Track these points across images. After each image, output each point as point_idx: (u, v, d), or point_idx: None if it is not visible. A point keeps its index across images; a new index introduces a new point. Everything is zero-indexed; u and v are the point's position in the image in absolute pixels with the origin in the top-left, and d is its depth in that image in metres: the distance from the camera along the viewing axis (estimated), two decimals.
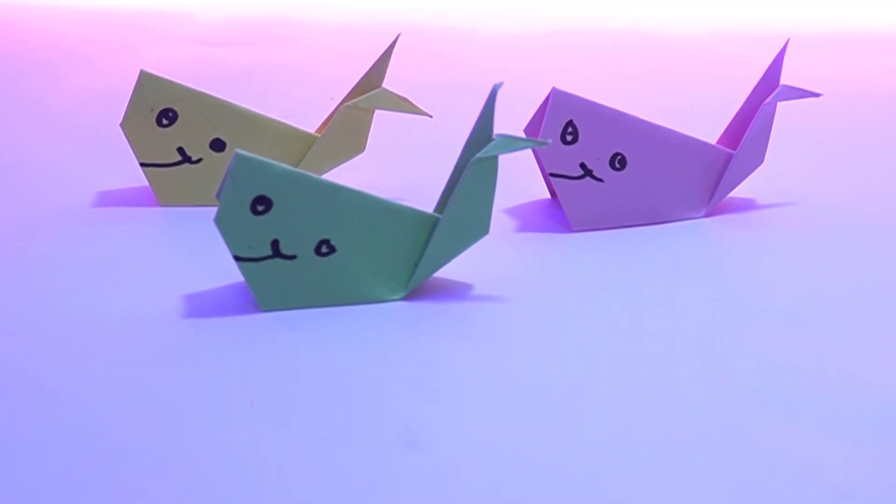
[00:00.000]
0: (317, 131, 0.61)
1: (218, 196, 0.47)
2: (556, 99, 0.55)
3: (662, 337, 0.46)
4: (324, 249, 0.47)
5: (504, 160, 0.51)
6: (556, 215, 0.59)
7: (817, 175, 0.66)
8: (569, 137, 0.56)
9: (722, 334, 0.46)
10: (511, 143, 0.47)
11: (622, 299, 0.49)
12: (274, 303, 0.47)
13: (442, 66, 0.98)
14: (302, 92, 0.88)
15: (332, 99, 0.83)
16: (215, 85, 0.87)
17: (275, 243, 0.47)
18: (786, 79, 0.59)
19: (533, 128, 0.58)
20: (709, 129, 0.65)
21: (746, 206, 0.61)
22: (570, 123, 0.56)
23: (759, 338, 0.46)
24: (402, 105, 0.59)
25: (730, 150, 0.59)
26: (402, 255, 0.48)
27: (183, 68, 0.95)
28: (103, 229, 0.57)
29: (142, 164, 0.59)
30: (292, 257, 0.47)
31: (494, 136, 0.47)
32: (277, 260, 0.47)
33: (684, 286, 0.51)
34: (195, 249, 0.55)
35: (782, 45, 0.60)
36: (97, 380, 0.42)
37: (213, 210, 0.59)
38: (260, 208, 0.46)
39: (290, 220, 0.46)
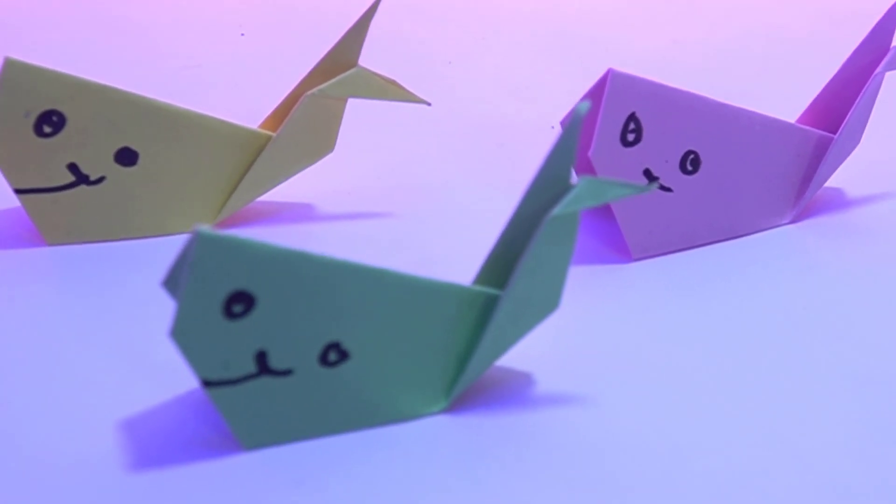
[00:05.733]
0: (262, 125, 0.47)
1: (167, 287, 0.34)
2: (615, 85, 0.43)
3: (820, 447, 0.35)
4: (332, 357, 0.34)
5: (517, 148, 0.39)
6: (604, 234, 0.47)
7: None
8: (630, 137, 0.44)
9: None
10: (601, 191, 0.35)
11: (727, 387, 0.38)
12: (262, 438, 0.34)
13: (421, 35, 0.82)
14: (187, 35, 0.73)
15: (242, 35, 0.69)
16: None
17: (261, 356, 0.34)
18: None
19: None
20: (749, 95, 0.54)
21: (836, 202, 0.50)
22: (632, 118, 0.44)
23: None
24: (387, 91, 0.45)
25: (824, 133, 0.49)
26: (442, 350, 0.35)
27: None
28: None
29: (17, 191, 0.45)
30: (287, 373, 0.34)
31: (575, 181, 0.35)
32: (265, 379, 0.34)
33: (806, 340, 0.41)
34: (112, 323, 0.41)
35: None
36: None
37: (128, 248, 0.47)
38: (237, 309, 0.33)
39: (281, 322, 0.33)
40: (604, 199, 0.34)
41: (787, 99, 0.55)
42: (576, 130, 0.34)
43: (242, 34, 0.67)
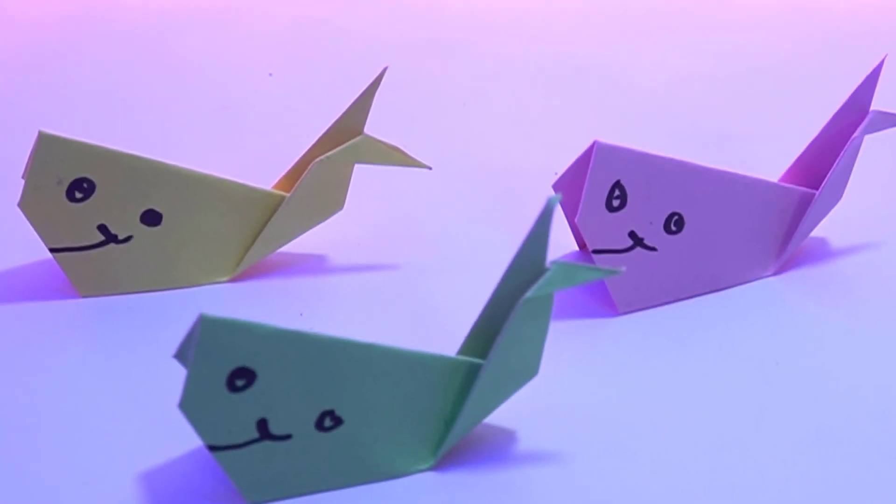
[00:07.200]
0: (275, 186, 0.51)
1: (179, 358, 0.37)
2: (600, 156, 0.45)
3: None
4: (327, 423, 0.38)
5: (521, 195, 0.40)
6: (591, 287, 0.49)
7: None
8: (615, 203, 0.46)
9: None
10: (571, 276, 0.37)
11: (701, 445, 0.41)
12: (264, 493, 0.38)
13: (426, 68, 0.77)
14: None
15: (270, 75, 0.72)
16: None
17: (262, 423, 0.37)
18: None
19: (568, 185, 0.48)
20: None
21: (819, 253, 0.52)
22: (616, 185, 0.46)
23: None
24: (391, 157, 0.48)
25: (806, 190, 0.50)
26: (430, 414, 0.39)
27: None
28: None
29: (52, 250, 0.48)
30: (286, 437, 0.38)
31: (548, 265, 0.38)
32: (266, 443, 0.37)
33: (778, 396, 0.43)
34: (138, 372, 0.44)
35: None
36: None
37: (154, 299, 0.50)
38: (239, 383, 0.36)
39: (280, 394, 0.36)
40: (574, 283, 0.37)
41: (785, 137, 0.57)
42: (549, 218, 0.36)
43: (270, 74, 0.71)
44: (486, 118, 0.66)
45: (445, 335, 0.42)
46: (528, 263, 0.37)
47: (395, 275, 0.51)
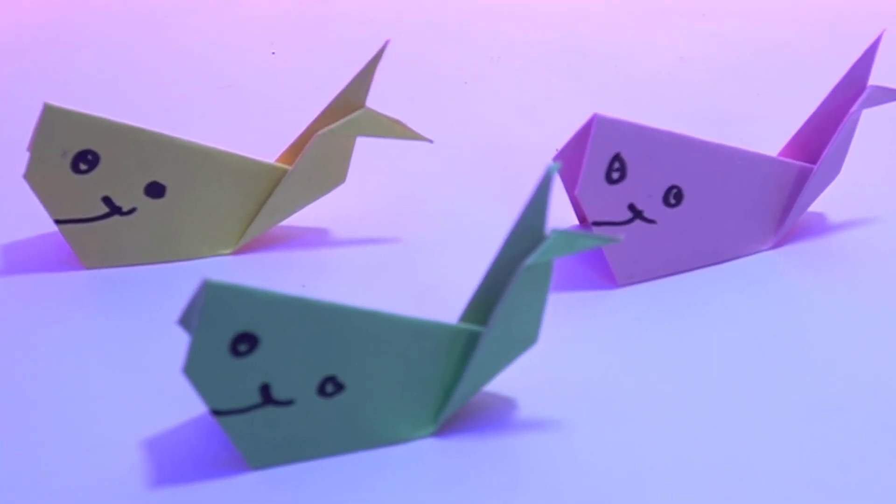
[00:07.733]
0: (278, 160, 0.51)
1: (182, 324, 0.37)
2: (599, 129, 0.46)
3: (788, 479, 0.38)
4: (329, 389, 0.38)
5: (521, 172, 0.41)
6: (592, 259, 0.50)
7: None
8: (615, 175, 0.47)
9: None
10: (571, 243, 0.37)
11: (705, 406, 0.41)
12: (266, 459, 0.38)
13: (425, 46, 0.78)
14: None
15: (273, 53, 0.72)
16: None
17: (265, 388, 0.37)
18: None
19: (568, 158, 0.48)
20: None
21: (817, 227, 0.52)
22: (616, 158, 0.46)
23: None
24: (392, 130, 0.49)
25: (805, 164, 0.51)
26: (430, 381, 0.39)
27: None
28: (4, 310, 0.47)
29: (57, 222, 0.48)
30: (288, 402, 0.38)
31: (548, 233, 0.38)
32: (269, 408, 0.38)
33: (774, 367, 0.43)
34: (141, 343, 0.45)
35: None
36: None
37: (158, 271, 0.50)
38: (242, 348, 0.36)
39: (283, 359, 0.37)
40: (574, 250, 0.37)
41: (785, 117, 0.57)
42: (548, 186, 0.37)
43: (273, 53, 0.71)
44: (488, 98, 0.66)
45: (446, 308, 0.42)
46: (528, 231, 0.38)
47: (396, 249, 0.51)
